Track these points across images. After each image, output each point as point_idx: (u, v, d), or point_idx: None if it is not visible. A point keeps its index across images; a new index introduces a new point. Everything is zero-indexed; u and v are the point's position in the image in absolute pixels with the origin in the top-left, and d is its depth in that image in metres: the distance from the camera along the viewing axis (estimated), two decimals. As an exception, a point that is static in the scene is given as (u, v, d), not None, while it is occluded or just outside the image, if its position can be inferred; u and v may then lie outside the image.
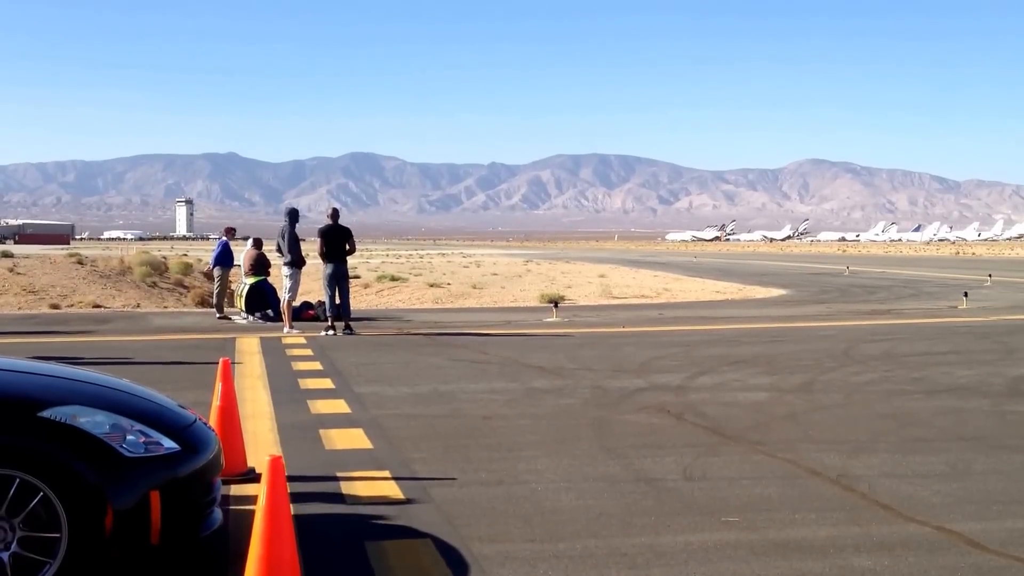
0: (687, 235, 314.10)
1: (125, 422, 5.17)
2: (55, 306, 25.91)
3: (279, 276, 20.55)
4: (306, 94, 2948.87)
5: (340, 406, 10.80)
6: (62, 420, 5.00)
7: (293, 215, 20.00)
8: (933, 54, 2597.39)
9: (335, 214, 19.50)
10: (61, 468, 4.85)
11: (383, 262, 65.17)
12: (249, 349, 16.38)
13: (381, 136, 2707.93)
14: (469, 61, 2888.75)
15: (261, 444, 8.66)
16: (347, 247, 18.98)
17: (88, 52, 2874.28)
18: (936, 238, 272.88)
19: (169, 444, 5.23)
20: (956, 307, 26.24)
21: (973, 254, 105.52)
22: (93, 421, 5.07)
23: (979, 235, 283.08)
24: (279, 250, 19.68)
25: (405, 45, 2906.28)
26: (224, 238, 23.89)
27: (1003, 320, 22.46)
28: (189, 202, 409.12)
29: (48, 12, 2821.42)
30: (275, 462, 4.64)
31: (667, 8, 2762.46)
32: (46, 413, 5.01)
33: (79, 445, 4.95)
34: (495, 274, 47.62)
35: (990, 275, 42.99)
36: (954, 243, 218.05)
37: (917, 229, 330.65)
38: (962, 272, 51.22)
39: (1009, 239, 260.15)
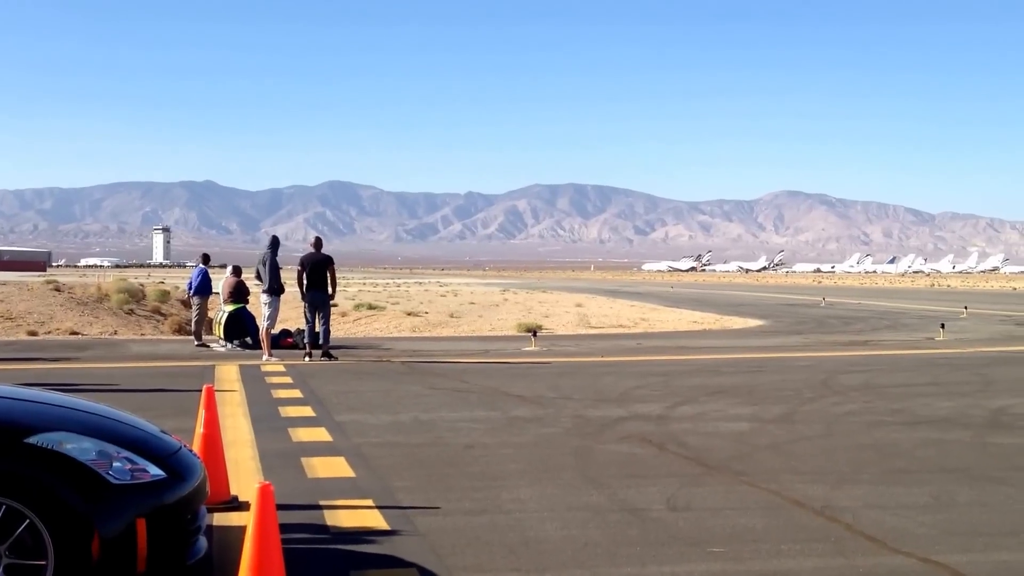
0: (663, 265, 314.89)
1: (112, 449, 5.14)
2: (32, 333, 25.72)
3: (257, 304, 20.51)
4: (284, 123, 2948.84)
5: (321, 434, 10.75)
6: (48, 446, 4.96)
7: (274, 243, 20.04)
8: (907, 87, 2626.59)
9: (318, 242, 19.59)
10: (47, 495, 4.81)
11: (360, 291, 65.01)
12: (228, 377, 16.29)
13: (358, 165, 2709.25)
14: (446, 91, 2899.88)
15: (243, 472, 8.60)
16: (329, 276, 19.00)
17: (65, 81, 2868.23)
18: (911, 270, 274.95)
19: (155, 471, 5.20)
20: (933, 339, 26.40)
21: (948, 286, 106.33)
22: (80, 448, 5.04)
23: (954, 267, 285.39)
24: (259, 277, 19.67)
25: (382, 75, 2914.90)
26: (202, 266, 23.83)
27: (980, 352, 22.60)
28: (166, 230, 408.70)
29: (25, 43, 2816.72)
30: (265, 490, 4.61)
31: (643, 41, 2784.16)
32: (32, 439, 4.97)
33: (65, 472, 4.91)
34: (472, 303, 47.58)
35: (966, 307, 43.28)
36: (929, 275, 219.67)
37: (892, 261, 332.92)
38: (938, 304, 51.56)
39: (983, 271, 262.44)
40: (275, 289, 19.31)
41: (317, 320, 19.14)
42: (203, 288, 23.25)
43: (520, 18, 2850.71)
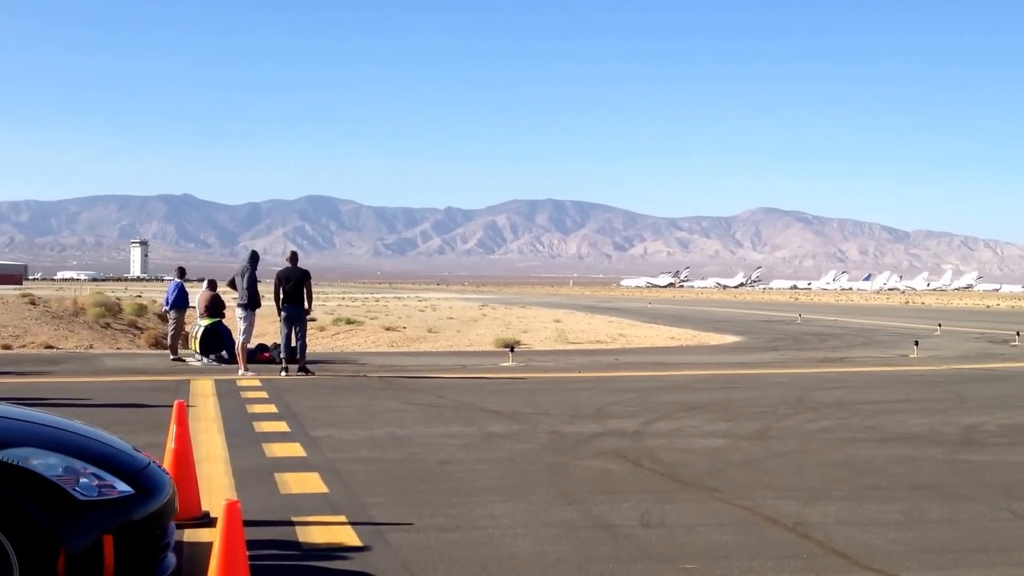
0: (642, 281, 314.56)
1: (79, 465, 5.10)
2: (7, 346, 25.53)
3: (234, 318, 20.43)
4: (262, 137, 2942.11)
5: (295, 449, 10.71)
6: (14, 462, 4.92)
7: (254, 258, 20.01)
8: (884, 104, 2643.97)
9: (294, 257, 19.53)
10: (12, 511, 4.77)
11: (339, 305, 64.89)
12: (203, 391, 16.22)
13: (337, 179, 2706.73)
14: (425, 106, 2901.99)
15: (215, 488, 8.55)
16: (306, 290, 18.95)
17: (42, 94, 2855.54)
18: (886, 287, 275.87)
19: (123, 487, 5.17)
20: (907, 356, 26.54)
21: (922, 303, 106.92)
22: (46, 463, 5.00)
23: (928, 285, 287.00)
24: (232, 285, 19.67)
25: (361, 90, 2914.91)
26: (178, 280, 23.73)
27: (954, 369, 22.73)
28: (144, 243, 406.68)
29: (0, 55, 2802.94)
30: (231, 507, 4.59)
31: (622, 58, 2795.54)
32: (-3, 455, 4.92)
33: (31, 488, 4.87)
34: (451, 318, 47.56)
35: (940, 324, 43.54)
36: (904, 292, 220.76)
37: (867, 278, 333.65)
38: (912, 321, 51.85)
39: (957, 289, 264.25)
40: (251, 303, 19.27)
41: (293, 335, 19.09)
42: (180, 302, 23.14)
43: (499, 33, 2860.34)
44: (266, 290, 20.32)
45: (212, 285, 23.71)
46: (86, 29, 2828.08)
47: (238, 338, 19.68)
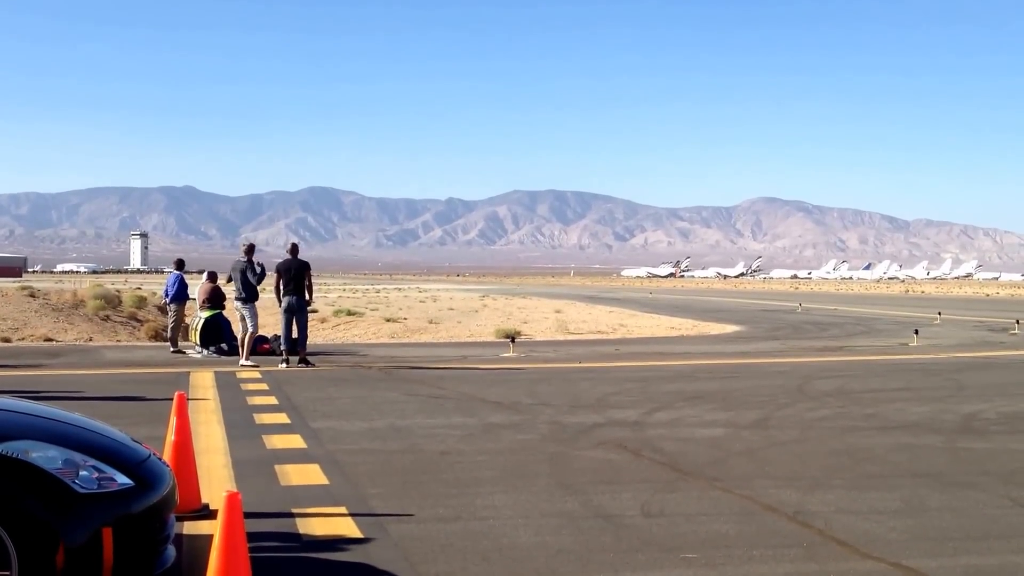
0: (643, 271, 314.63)
1: (78, 457, 5.10)
2: (6, 339, 25.53)
3: (231, 310, 20.45)
4: (264, 129, 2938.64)
5: (296, 441, 10.71)
6: (13, 455, 4.91)
7: (251, 252, 20.04)
8: (883, 94, 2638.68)
9: (294, 248, 19.53)
10: (11, 504, 4.76)
11: (340, 296, 64.87)
12: (203, 383, 16.21)
13: (339, 171, 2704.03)
14: (427, 98, 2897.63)
15: (215, 480, 8.55)
16: (306, 282, 18.96)
17: (42, 85, 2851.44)
18: (886, 276, 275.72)
19: (123, 480, 5.16)
20: (907, 344, 26.53)
21: (922, 292, 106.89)
22: (46, 456, 4.99)
23: (928, 274, 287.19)
24: (231, 280, 19.76)
25: (363, 82, 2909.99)
26: (177, 271, 23.72)
27: (953, 357, 22.72)
28: (144, 235, 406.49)
29: (0, 47, 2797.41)
30: (232, 498, 4.58)
31: (623, 48, 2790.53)
32: (-3, 448, 4.92)
33: (31, 481, 4.86)
34: (451, 309, 47.56)
35: (939, 313, 43.53)
36: (904, 281, 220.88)
37: (868, 267, 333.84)
38: (912, 310, 51.84)
39: (957, 278, 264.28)
40: (250, 296, 19.34)
41: (294, 326, 19.10)
42: (180, 294, 23.13)
43: (500, 26, 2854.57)
44: (267, 282, 20.29)
45: (212, 277, 23.69)
46: (88, 23, 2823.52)
47: (239, 328, 19.75)
